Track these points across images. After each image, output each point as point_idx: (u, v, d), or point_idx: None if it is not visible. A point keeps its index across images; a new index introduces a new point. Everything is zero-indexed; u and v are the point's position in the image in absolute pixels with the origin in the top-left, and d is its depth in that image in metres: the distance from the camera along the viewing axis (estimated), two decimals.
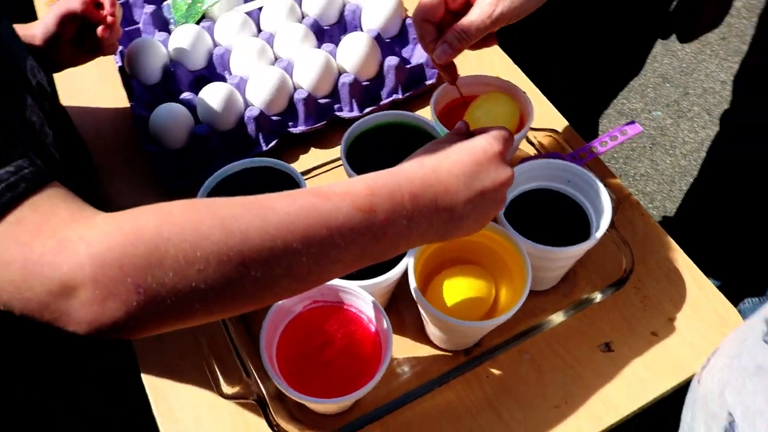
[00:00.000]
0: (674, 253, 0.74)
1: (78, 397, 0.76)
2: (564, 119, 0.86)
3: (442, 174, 0.50)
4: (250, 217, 0.42)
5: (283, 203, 0.44)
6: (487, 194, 0.51)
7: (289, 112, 0.86)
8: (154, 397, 0.66)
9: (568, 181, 0.71)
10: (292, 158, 0.85)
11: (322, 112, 0.86)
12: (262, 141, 0.83)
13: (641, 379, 0.66)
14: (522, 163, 0.71)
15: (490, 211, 0.53)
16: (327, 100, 0.86)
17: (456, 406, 0.65)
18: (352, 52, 0.86)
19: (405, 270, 0.63)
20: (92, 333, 0.40)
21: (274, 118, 0.84)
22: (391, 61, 0.86)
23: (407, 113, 0.76)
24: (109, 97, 0.92)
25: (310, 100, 0.84)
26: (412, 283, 0.61)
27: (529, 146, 0.80)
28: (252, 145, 0.84)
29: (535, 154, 0.79)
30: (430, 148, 0.54)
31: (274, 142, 0.84)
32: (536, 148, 0.79)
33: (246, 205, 0.43)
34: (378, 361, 0.59)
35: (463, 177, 0.50)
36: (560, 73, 1.10)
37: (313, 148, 0.86)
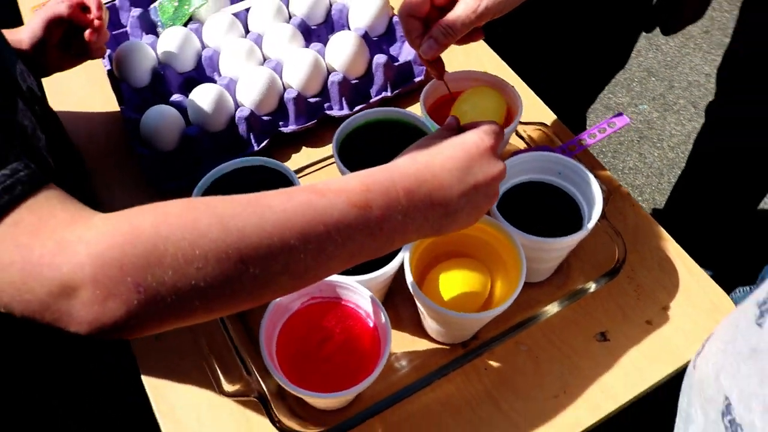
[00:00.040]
0: (665, 242, 0.75)
1: (78, 397, 0.76)
2: (552, 113, 0.87)
3: (436, 169, 0.50)
4: (248, 214, 0.42)
5: (279, 201, 0.44)
6: (480, 188, 0.52)
7: (280, 112, 0.86)
8: (155, 398, 0.66)
9: (559, 173, 0.72)
10: (284, 157, 0.85)
11: (313, 111, 0.86)
12: (254, 141, 0.84)
13: (637, 367, 0.67)
14: (513, 157, 0.72)
15: (484, 204, 0.53)
16: (317, 99, 0.86)
17: (455, 399, 0.65)
18: (341, 51, 0.86)
19: (401, 264, 0.63)
20: (93, 333, 0.40)
21: (265, 118, 0.84)
22: (380, 59, 0.86)
23: (397, 110, 0.76)
24: (98, 101, 0.92)
25: (300, 99, 0.84)
26: (409, 278, 0.62)
27: (519, 140, 0.80)
28: (243, 145, 0.84)
29: (525, 148, 0.80)
30: (423, 143, 0.54)
31: (266, 142, 0.84)
32: (526, 141, 0.80)
33: (243, 203, 0.43)
34: (377, 356, 0.59)
35: (457, 172, 0.51)
36: (545, 68, 1.11)
37: (305, 147, 0.86)
